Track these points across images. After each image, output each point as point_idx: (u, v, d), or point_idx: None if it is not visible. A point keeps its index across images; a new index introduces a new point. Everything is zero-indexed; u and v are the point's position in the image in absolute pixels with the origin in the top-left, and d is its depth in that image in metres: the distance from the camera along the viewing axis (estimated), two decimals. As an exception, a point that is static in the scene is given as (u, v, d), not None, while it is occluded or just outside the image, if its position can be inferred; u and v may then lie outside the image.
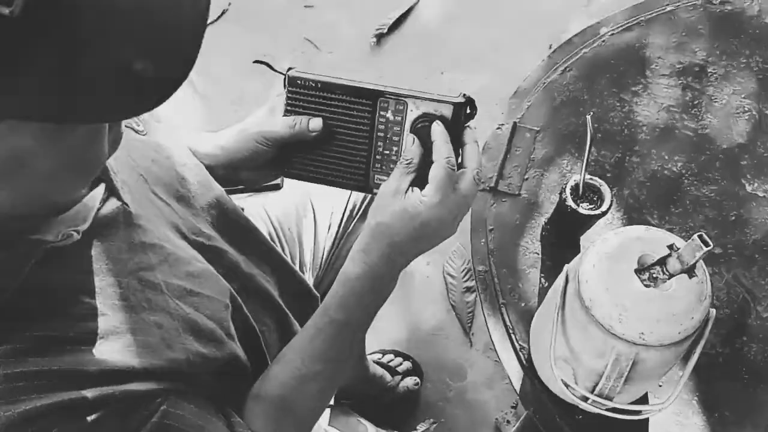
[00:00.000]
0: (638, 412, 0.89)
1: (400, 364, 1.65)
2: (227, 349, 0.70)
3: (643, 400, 0.95)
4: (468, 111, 0.76)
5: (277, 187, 1.18)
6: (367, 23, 2.27)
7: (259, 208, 1.13)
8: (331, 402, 1.40)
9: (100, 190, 0.62)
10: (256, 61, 0.84)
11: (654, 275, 0.75)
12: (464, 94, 0.75)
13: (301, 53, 2.25)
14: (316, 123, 0.79)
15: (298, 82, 0.79)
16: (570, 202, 0.97)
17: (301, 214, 1.16)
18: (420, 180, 0.73)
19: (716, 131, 1.18)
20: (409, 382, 1.61)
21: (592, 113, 0.90)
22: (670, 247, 0.76)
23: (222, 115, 2.12)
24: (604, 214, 0.98)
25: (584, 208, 0.98)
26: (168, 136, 0.80)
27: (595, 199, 1.00)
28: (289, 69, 0.81)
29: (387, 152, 0.80)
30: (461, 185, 0.72)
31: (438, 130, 0.73)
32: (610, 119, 1.19)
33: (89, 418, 0.54)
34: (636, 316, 0.73)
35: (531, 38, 2.18)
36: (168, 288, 0.65)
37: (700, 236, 0.71)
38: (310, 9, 2.34)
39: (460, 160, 0.76)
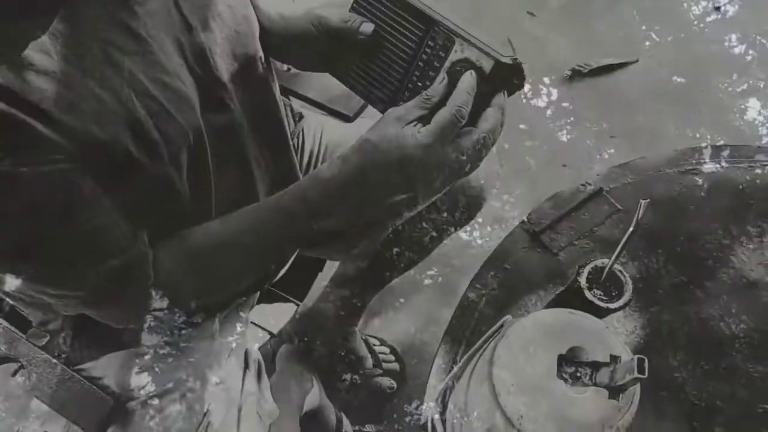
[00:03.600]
0: None
1: (390, 362, 1.58)
2: (162, 167, 0.67)
3: None
4: (514, 78, 0.68)
5: (348, 119, 1.16)
6: (576, 55, 2.17)
7: (317, 124, 1.12)
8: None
9: None
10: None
11: (578, 374, 0.65)
12: (515, 58, 0.67)
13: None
14: (367, 27, 0.76)
15: None
16: (582, 281, 0.86)
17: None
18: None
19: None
20: (386, 382, 1.54)
21: (648, 200, 0.78)
22: (613, 358, 0.65)
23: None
24: (609, 311, 0.85)
25: (593, 295, 0.86)
26: None
27: (613, 293, 0.88)
28: None
29: (420, 84, 0.74)
30: (461, 141, 0.65)
31: (466, 79, 0.66)
32: (700, 241, 1.04)
33: None
34: (526, 397, 0.63)
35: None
36: (131, 78, 0.62)
37: (640, 360, 0.60)
38: (531, 16, 2.28)
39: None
